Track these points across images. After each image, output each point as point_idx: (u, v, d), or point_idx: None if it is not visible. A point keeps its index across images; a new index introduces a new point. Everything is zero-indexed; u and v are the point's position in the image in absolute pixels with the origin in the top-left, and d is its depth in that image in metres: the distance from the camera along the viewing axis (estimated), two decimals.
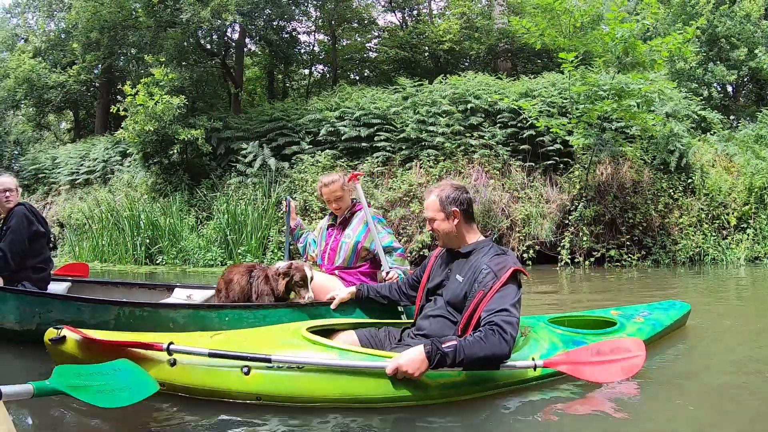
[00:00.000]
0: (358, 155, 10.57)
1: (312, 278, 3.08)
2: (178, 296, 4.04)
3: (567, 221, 9.51)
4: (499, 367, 2.36)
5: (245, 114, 12.57)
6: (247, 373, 2.21)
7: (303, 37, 16.19)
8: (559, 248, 9.39)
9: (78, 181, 14.20)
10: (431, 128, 10.20)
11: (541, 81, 11.00)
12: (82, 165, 14.24)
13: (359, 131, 10.43)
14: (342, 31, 15.64)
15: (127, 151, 12.96)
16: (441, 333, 2.49)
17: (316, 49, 16.99)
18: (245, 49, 14.61)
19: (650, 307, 3.73)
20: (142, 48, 13.02)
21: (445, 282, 2.62)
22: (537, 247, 9.45)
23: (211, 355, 2.23)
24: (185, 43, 12.17)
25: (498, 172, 9.93)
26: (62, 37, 17.62)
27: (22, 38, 19.32)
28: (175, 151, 10.77)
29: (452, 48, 13.53)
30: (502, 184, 9.87)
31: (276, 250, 9.33)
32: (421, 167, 10.09)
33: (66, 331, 2.37)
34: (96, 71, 16.43)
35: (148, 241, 9.92)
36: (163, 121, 10.45)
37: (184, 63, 12.03)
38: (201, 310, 3.13)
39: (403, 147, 10.31)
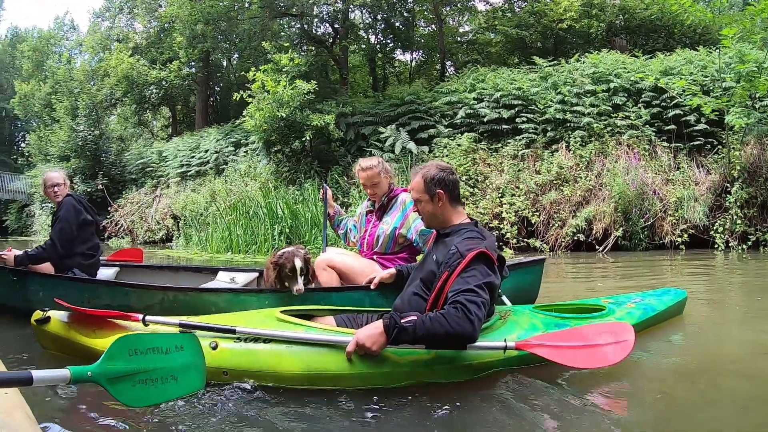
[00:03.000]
0: (498, 138, 10.23)
1: (302, 269, 2.96)
2: (222, 279, 4.14)
3: (719, 204, 9.09)
4: (466, 348, 2.22)
5: (371, 97, 12.36)
6: (214, 348, 2.27)
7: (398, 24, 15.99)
8: (712, 232, 8.99)
9: (189, 173, 14.32)
10: (576, 108, 9.82)
11: (677, 58, 10.56)
12: (192, 157, 14.37)
13: (500, 113, 10.10)
14: (446, 14, 15.36)
15: (241, 141, 12.97)
16: (413, 311, 2.42)
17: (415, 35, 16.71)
18: (351, 36, 14.48)
19: (644, 294, 3.50)
20: (251, 37, 13.00)
21: (425, 262, 2.60)
22: (691, 231, 9.04)
23: (181, 325, 2.35)
24: (299, 30, 12.11)
25: (646, 154, 9.55)
26: (158, 35, 17.88)
27: (116, 39, 19.68)
28: (307, 137, 10.57)
29: (571, 26, 13.07)
30: (652, 166, 9.48)
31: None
32: (568, 149, 9.72)
33: (52, 312, 2.48)
34: (192, 65, 16.58)
35: (288, 230, 9.79)
36: (291, 107, 10.30)
37: (306, 50, 11.95)
38: (241, 294, 3.20)
39: (548, 128, 9.91)
